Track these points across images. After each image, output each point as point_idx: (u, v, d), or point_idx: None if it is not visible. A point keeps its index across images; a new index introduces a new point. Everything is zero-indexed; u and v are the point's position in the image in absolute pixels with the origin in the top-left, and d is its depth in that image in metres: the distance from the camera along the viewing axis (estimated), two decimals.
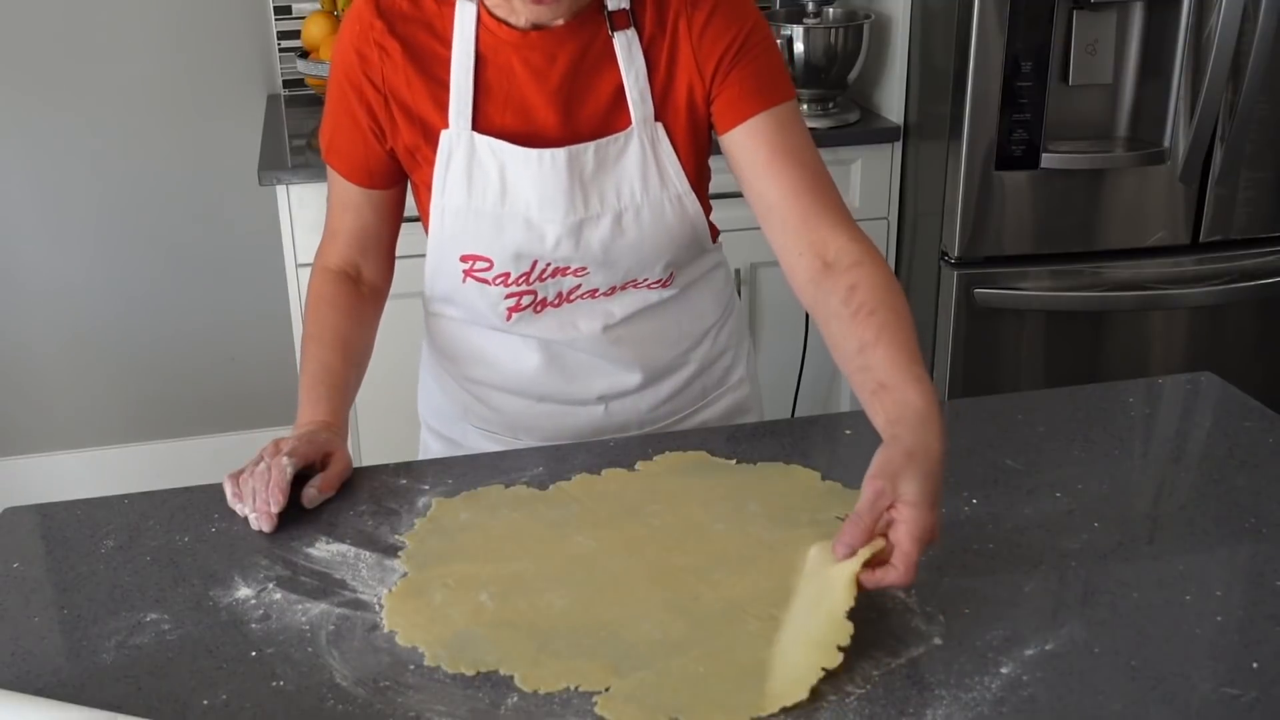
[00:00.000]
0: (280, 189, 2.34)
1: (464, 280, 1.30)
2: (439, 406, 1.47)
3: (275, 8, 2.75)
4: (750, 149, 1.25)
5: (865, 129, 2.59)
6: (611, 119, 1.25)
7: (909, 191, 2.61)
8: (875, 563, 0.96)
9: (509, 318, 1.32)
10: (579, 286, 1.31)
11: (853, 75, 2.62)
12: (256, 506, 1.12)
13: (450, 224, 1.27)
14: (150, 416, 3.01)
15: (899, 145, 2.59)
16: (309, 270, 1.37)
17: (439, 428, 1.49)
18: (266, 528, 1.11)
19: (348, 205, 1.32)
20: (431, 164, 1.26)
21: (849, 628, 0.93)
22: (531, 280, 1.29)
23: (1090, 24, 2.34)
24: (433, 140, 1.25)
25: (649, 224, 1.27)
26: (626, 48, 1.24)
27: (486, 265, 1.28)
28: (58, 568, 1.09)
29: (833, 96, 2.62)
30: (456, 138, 1.24)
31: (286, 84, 2.80)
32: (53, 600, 1.04)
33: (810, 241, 1.21)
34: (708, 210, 1.35)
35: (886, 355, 1.09)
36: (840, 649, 0.92)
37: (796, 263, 1.22)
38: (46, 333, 2.90)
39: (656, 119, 1.26)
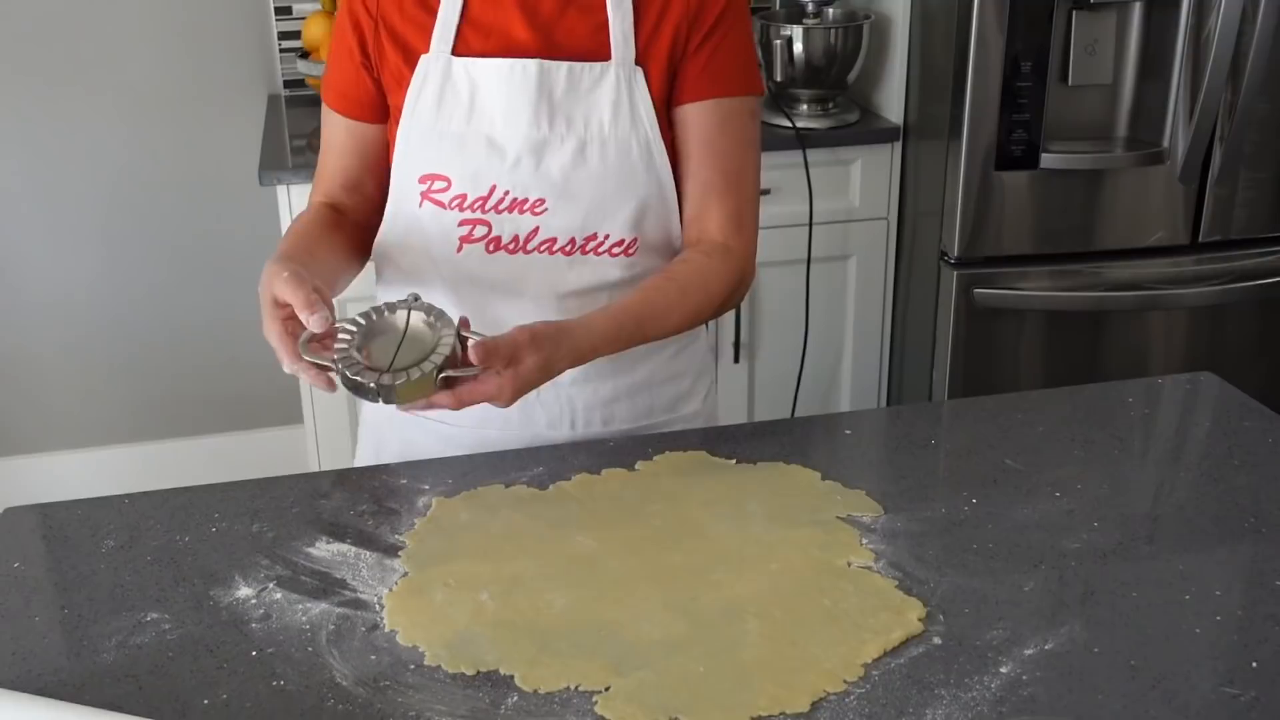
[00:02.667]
0: (280, 189, 2.34)
1: (420, 204, 1.30)
2: None
3: (275, 8, 2.75)
4: (691, 138, 1.31)
5: (865, 129, 2.59)
6: (590, 54, 1.27)
7: (909, 191, 2.62)
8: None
9: (460, 249, 1.29)
10: (536, 231, 1.28)
11: (853, 75, 2.62)
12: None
13: (414, 145, 1.29)
14: (150, 416, 3.01)
15: (899, 145, 2.60)
16: None
17: (370, 418, 1.44)
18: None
19: (333, 145, 1.36)
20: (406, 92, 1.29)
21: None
22: (488, 208, 1.28)
23: (1090, 24, 2.34)
24: (414, 66, 1.28)
25: (614, 160, 1.27)
26: None
27: (445, 185, 1.28)
28: (58, 568, 1.09)
29: (833, 96, 2.62)
30: (434, 61, 1.27)
31: (286, 84, 2.80)
32: (53, 600, 1.04)
33: (699, 230, 1.33)
34: (678, 179, 1.33)
35: (628, 297, 1.26)
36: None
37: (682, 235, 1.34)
38: (47, 333, 2.90)
39: (637, 63, 1.27)
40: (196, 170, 2.84)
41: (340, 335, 1.12)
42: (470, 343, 1.11)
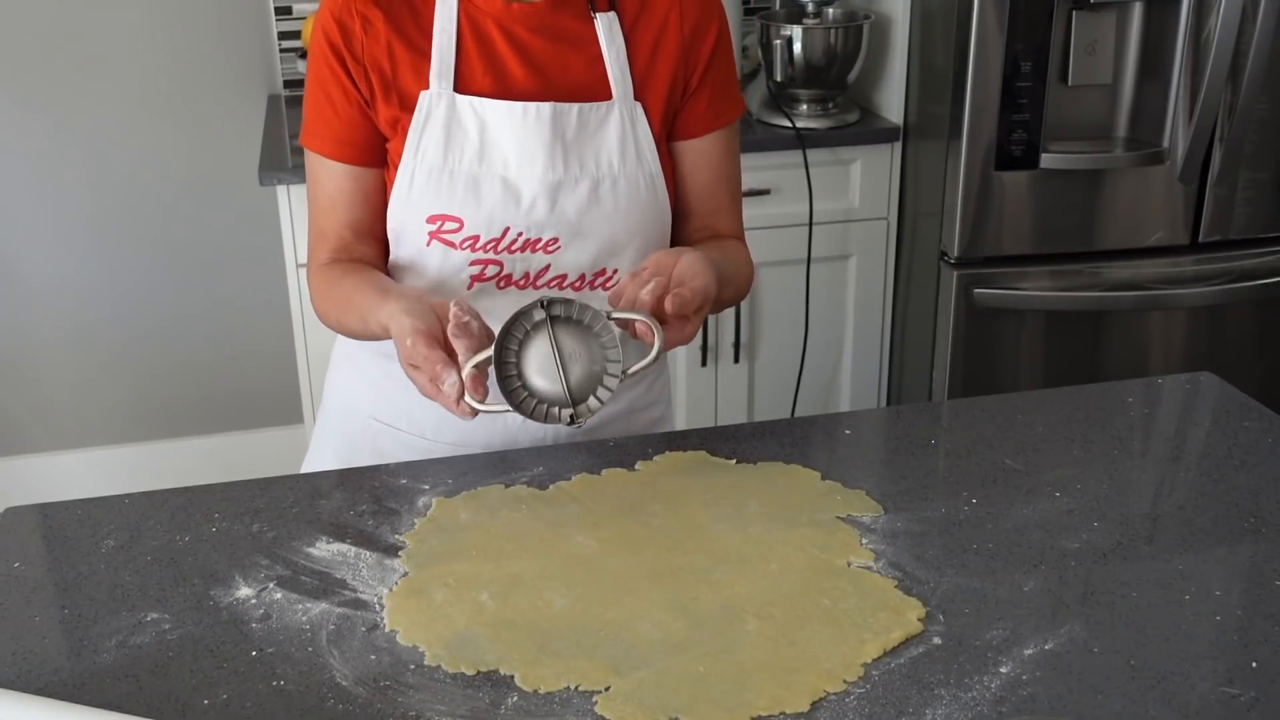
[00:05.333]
0: (280, 189, 2.35)
1: (429, 243, 1.26)
2: (348, 394, 1.40)
3: (275, 8, 2.75)
4: (703, 166, 1.35)
5: (865, 129, 2.60)
6: (591, 93, 1.27)
7: (909, 191, 2.62)
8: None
9: (470, 286, 1.28)
10: (548, 268, 1.29)
11: (853, 75, 2.62)
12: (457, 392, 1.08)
13: (420, 184, 1.24)
14: (150, 416, 3.01)
15: (899, 145, 2.60)
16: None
17: (340, 426, 1.42)
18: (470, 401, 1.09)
19: (336, 199, 1.29)
20: (408, 132, 1.25)
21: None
22: (500, 249, 1.26)
23: (1090, 24, 2.34)
24: (411, 109, 1.25)
25: (625, 197, 1.28)
26: (607, 28, 1.27)
27: (456, 226, 1.25)
28: (58, 568, 1.09)
29: (833, 96, 2.63)
30: (437, 97, 1.24)
31: (286, 84, 2.80)
32: (53, 600, 1.04)
33: (710, 234, 1.38)
34: (684, 202, 1.36)
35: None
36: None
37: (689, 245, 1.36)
38: (47, 333, 2.90)
39: (636, 98, 1.28)
40: (196, 170, 2.84)
41: (500, 369, 1.10)
42: (668, 306, 1.11)
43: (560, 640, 0.97)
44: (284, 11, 2.76)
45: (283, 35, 2.77)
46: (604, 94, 1.28)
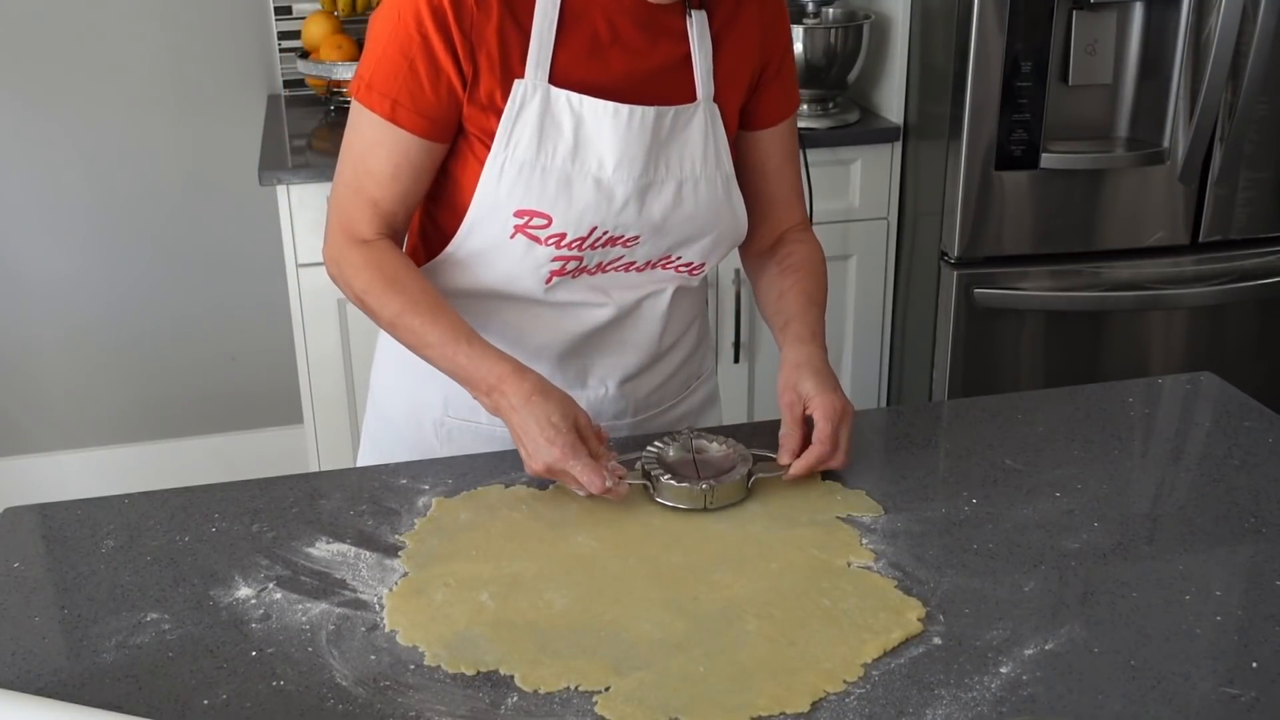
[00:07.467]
0: (280, 189, 2.34)
1: (512, 236, 1.24)
2: (414, 400, 1.39)
3: (275, 8, 2.75)
4: (774, 153, 1.37)
5: (865, 129, 2.59)
6: (678, 91, 1.26)
7: (909, 191, 2.61)
8: (802, 449, 1.18)
9: (549, 281, 1.27)
10: (620, 258, 1.29)
11: (853, 75, 2.62)
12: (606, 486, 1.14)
13: (510, 177, 1.21)
14: (150, 416, 3.01)
15: (899, 145, 2.60)
16: (309, 270, 1.35)
17: (408, 434, 1.41)
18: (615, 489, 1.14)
19: (402, 170, 1.23)
20: (500, 115, 1.21)
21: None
22: (584, 247, 1.25)
23: (1090, 24, 2.34)
24: (508, 90, 1.21)
25: (705, 198, 1.28)
26: (698, 26, 1.26)
27: (544, 223, 1.23)
28: (58, 568, 1.09)
29: (833, 96, 2.62)
30: (532, 88, 1.21)
31: (286, 84, 2.80)
32: (53, 600, 1.04)
33: (776, 222, 1.41)
34: (760, 189, 1.39)
35: (794, 299, 1.34)
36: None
37: (766, 233, 1.41)
38: (47, 333, 2.90)
39: (714, 100, 1.28)
40: (196, 170, 2.84)
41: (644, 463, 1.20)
42: (816, 434, 1.19)
43: (560, 640, 0.97)
44: (284, 11, 2.76)
45: (283, 35, 2.77)
46: (689, 95, 1.27)
